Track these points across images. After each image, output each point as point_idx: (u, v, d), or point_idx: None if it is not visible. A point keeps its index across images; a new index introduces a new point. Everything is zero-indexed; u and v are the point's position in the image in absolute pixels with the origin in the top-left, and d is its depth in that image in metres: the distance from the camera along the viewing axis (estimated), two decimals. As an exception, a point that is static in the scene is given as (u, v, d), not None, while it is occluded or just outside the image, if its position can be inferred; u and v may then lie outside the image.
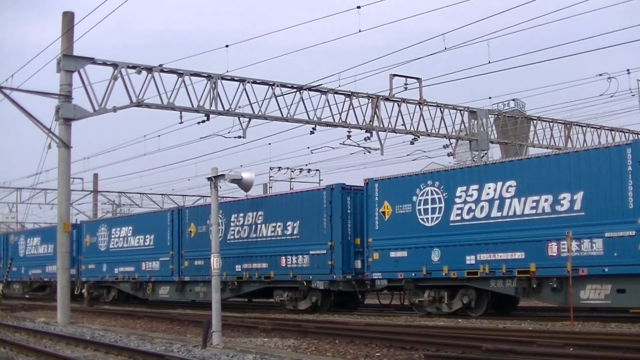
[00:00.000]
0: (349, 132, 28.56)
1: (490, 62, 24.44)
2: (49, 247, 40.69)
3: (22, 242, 44.82)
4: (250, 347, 14.33)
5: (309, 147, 36.62)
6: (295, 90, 26.95)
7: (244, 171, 16.34)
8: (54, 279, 39.35)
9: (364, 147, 30.15)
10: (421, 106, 29.49)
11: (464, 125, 31.34)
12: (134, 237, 33.61)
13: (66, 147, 23.21)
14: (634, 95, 32.06)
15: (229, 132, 26.86)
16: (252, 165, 51.62)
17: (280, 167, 51.32)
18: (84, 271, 36.81)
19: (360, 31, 23.12)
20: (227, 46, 25.28)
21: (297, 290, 25.44)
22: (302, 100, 26.93)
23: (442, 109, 30.36)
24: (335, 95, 27.65)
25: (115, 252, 34.84)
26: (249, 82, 26.07)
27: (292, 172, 51.78)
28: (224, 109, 25.66)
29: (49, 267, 40.28)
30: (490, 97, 53.77)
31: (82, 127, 65.15)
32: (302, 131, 28.24)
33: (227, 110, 25.72)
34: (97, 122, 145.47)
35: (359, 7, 22.92)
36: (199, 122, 25.73)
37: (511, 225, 19.68)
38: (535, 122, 34.02)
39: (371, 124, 28.27)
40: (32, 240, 43.63)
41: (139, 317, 24.48)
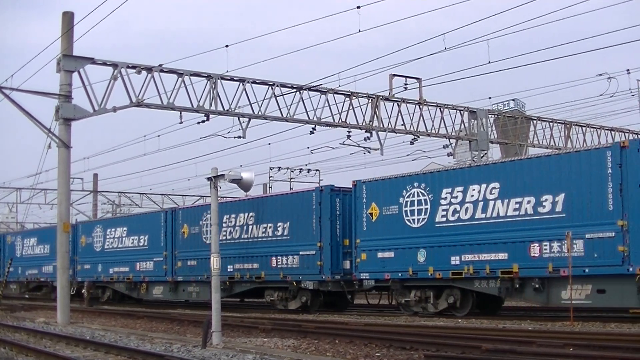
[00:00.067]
0: (349, 132, 28.57)
1: (490, 62, 24.52)
2: (45, 247, 40.93)
3: (19, 242, 45.01)
4: (250, 347, 14.33)
5: (308, 147, 36.66)
6: (295, 90, 26.95)
7: (244, 171, 16.37)
8: (50, 279, 39.79)
9: (364, 147, 30.19)
10: (421, 106, 29.49)
11: (464, 125, 31.34)
12: (129, 238, 33.83)
13: (66, 147, 23.21)
14: (634, 95, 32.11)
15: (229, 132, 26.93)
16: (252, 165, 51.64)
17: (280, 167, 51.33)
18: (80, 271, 36.90)
19: (360, 31, 23.19)
20: (227, 46, 25.34)
21: (287, 290, 25.69)
22: (302, 100, 26.96)
23: (442, 109, 30.36)
24: (335, 95, 27.65)
25: (110, 253, 35.06)
26: (248, 82, 26.07)
27: (292, 172, 51.79)
28: (224, 109, 25.67)
29: (45, 267, 40.54)
30: (490, 97, 53.66)
31: (82, 127, 65.08)
32: (302, 131, 28.32)
33: (227, 110, 25.72)
34: (97, 122, 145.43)
35: (359, 7, 22.95)
36: (198, 122, 25.77)
37: (494, 226, 19.94)
38: (535, 122, 34.01)
39: (371, 124, 28.27)
40: (29, 240, 43.79)
41: (138, 317, 24.48)
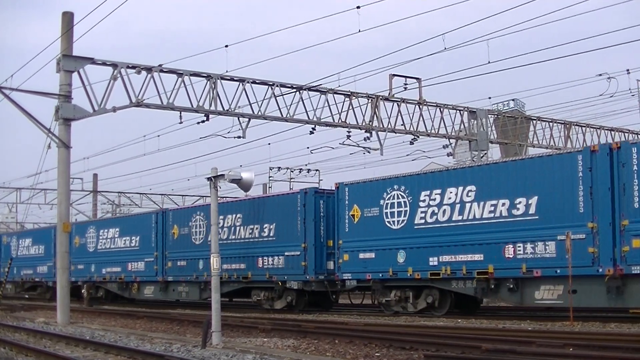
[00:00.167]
0: (349, 132, 28.57)
1: (490, 62, 24.55)
2: (40, 248, 41.32)
3: (14, 243, 45.31)
4: (249, 347, 14.33)
5: (308, 147, 36.60)
6: (295, 90, 26.94)
7: (244, 171, 16.38)
8: (45, 279, 40.26)
9: (364, 147, 30.20)
10: (421, 106, 29.48)
11: (464, 125, 31.33)
12: (121, 239, 34.28)
13: (66, 147, 23.21)
14: (633, 95, 32.11)
15: (229, 132, 26.94)
16: (251, 165, 51.52)
17: (280, 167, 51.29)
18: (73, 271, 37.07)
19: (360, 31, 23.20)
20: (227, 46, 25.35)
21: (273, 290, 26.03)
22: (302, 100, 26.95)
23: (442, 109, 30.36)
24: (335, 95, 27.65)
25: (103, 253, 35.52)
26: (248, 82, 26.07)
27: (292, 172, 51.75)
28: (224, 109, 25.66)
29: (40, 267, 40.95)
30: (490, 97, 53.66)
31: (81, 127, 65.26)
32: (302, 131, 28.34)
33: (227, 110, 25.72)
34: (96, 122, 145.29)
35: (358, 7, 22.95)
36: (198, 122, 25.77)
37: (471, 228, 20.35)
38: (534, 122, 34.01)
39: (371, 124, 28.27)
40: (24, 241, 44.09)
41: (138, 317, 24.48)
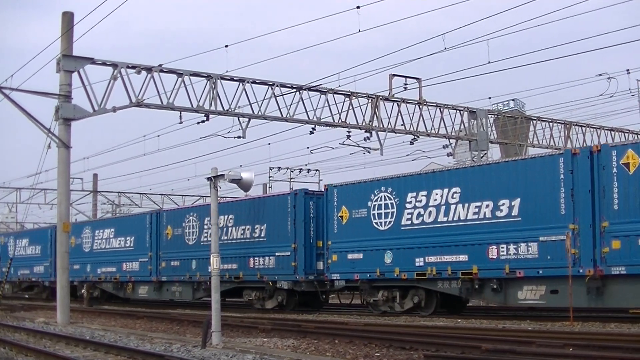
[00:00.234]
0: (349, 132, 28.57)
1: (490, 62, 24.55)
2: (37, 248, 41.53)
3: (11, 243, 45.47)
4: (249, 347, 14.33)
5: (308, 147, 36.62)
6: (295, 90, 26.94)
7: (244, 171, 16.37)
8: (42, 279, 40.52)
9: (364, 147, 30.21)
10: (421, 106, 29.48)
11: (464, 125, 31.32)
12: (116, 239, 34.54)
13: (66, 147, 23.20)
14: (633, 95, 32.09)
15: (229, 132, 26.94)
16: (251, 165, 51.47)
17: (280, 167, 51.31)
18: (70, 271, 37.14)
19: (360, 31, 23.20)
20: (227, 46, 25.35)
21: (264, 290, 26.28)
22: (302, 100, 26.95)
23: (442, 109, 30.35)
24: (335, 95, 27.64)
25: (98, 253, 35.70)
26: (248, 82, 26.07)
27: (292, 172, 51.76)
28: (224, 109, 25.66)
29: (36, 267, 41.22)
30: (490, 97, 53.50)
31: (81, 127, 65.17)
32: (302, 131, 28.34)
33: (227, 110, 25.71)
34: (96, 122, 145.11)
35: (358, 7, 22.95)
36: (198, 122, 25.76)
37: (456, 229, 20.68)
38: (535, 122, 33.99)
39: (371, 124, 28.26)
40: (21, 241, 44.30)
41: (138, 317, 24.49)
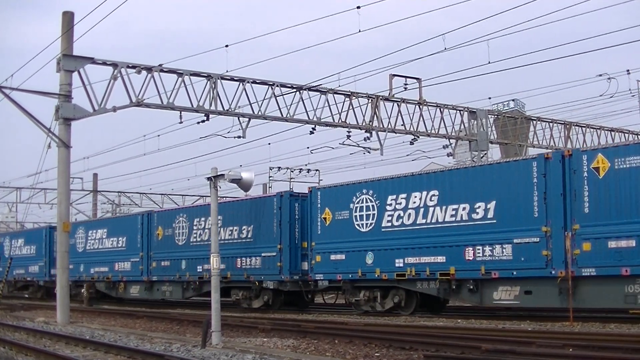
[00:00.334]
0: (349, 132, 28.57)
1: (490, 62, 24.58)
2: (32, 248, 41.82)
3: (7, 243, 45.61)
4: (249, 347, 14.33)
5: (308, 147, 36.59)
6: (295, 90, 26.94)
7: (244, 171, 16.40)
8: (36, 279, 40.83)
9: (364, 147, 30.20)
10: (421, 106, 29.48)
11: (464, 125, 31.33)
12: (108, 239, 34.92)
13: (66, 147, 23.21)
14: (633, 95, 32.06)
15: (229, 132, 26.95)
16: (251, 165, 51.61)
17: (280, 167, 51.27)
18: None
19: (360, 31, 23.20)
20: (227, 46, 25.36)
21: (251, 289, 26.60)
22: (302, 100, 26.96)
23: (442, 109, 30.35)
24: (335, 95, 27.64)
25: (91, 253, 36.10)
26: (248, 82, 26.06)
27: (292, 172, 51.73)
28: (224, 109, 25.66)
29: (31, 267, 41.52)
30: (490, 98, 53.33)
31: (82, 127, 65.35)
32: (302, 131, 28.34)
33: (227, 110, 25.72)
34: (97, 122, 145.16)
35: (359, 7, 22.97)
36: (198, 122, 25.77)
37: (434, 231, 21.18)
38: (535, 122, 34.00)
39: (371, 124, 28.26)
40: (17, 241, 44.46)
41: (138, 317, 24.48)
